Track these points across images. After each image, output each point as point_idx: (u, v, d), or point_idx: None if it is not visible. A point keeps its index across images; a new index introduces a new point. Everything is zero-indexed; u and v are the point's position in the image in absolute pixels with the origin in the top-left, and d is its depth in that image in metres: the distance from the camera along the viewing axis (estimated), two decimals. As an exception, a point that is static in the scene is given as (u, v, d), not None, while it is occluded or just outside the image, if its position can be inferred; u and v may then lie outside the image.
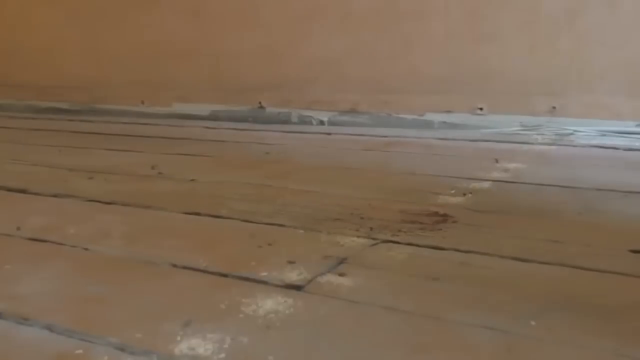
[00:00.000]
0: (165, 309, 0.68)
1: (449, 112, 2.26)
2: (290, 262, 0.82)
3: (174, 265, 0.83)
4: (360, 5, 2.39)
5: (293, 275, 0.77)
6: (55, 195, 1.26)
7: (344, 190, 1.27)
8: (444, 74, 2.27)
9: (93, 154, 1.84)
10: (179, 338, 0.61)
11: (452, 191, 1.24)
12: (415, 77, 2.31)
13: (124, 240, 0.95)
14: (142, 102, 2.91)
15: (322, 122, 2.48)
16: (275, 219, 1.04)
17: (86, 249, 0.90)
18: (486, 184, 1.31)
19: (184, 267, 0.82)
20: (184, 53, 2.76)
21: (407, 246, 0.89)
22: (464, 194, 1.21)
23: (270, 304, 0.69)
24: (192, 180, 1.40)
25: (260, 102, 2.62)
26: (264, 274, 0.78)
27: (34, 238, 0.96)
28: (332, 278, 0.77)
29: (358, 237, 0.93)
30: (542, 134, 2.06)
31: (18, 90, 3.25)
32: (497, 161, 1.58)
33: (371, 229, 0.98)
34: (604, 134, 1.99)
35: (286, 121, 2.55)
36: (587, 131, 2.02)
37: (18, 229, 1.01)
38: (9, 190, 1.32)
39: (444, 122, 2.27)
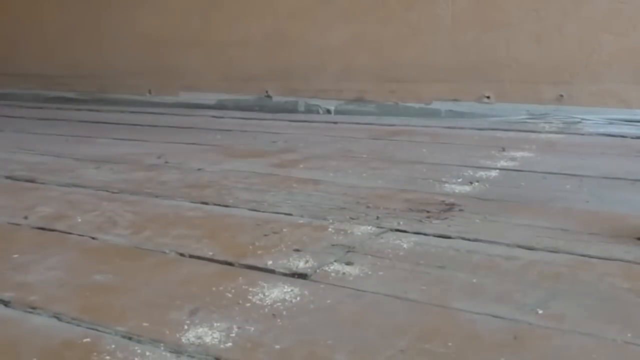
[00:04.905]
0: (172, 298, 0.68)
1: (455, 100, 2.26)
2: (297, 251, 0.82)
3: (181, 254, 0.83)
4: (366, -7, 2.38)
5: (300, 264, 0.77)
6: (62, 185, 1.26)
7: (350, 179, 1.27)
8: (450, 62, 2.26)
9: (100, 143, 1.85)
10: (186, 327, 0.61)
11: (459, 180, 1.24)
12: (422, 66, 2.31)
13: (131, 229, 0.95)
14: (149, 92, 2.91)
15: (328, 111, 2.48)
16: (282, 208, 1.04)
17: (93, 238, 0.91)
18: (493, 173, 1.31)
19: (191, 256, 0.82)
20: (190, 42, 2.76)
21: (414, 235, 0.89)
22: (471, 183, 1.21)
23: (276, 292, 0.69)
24: (199, 169, 1.40)
25: (267, 91, 2.62)
26: (271, 262, 0.78)
27: (42, 227, 0.97)
28: (338, 267, 0.77)
29: (364, 225, 0.93)
30: (550, 123, 2.05)
31: (25, 80, 3.26)
32: (504, 150, 1.58)
33: (378, 217, 0.97)
34: (611, 122, 1.98)
35: (293, 110, 2.54)
36: (594, 119, 2.01)
37: (26, 218, 1.01)
38: (17, 179, 1.33)
39: (451, 111, 2.26)
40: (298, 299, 0.67)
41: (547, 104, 2.12)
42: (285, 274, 0.75)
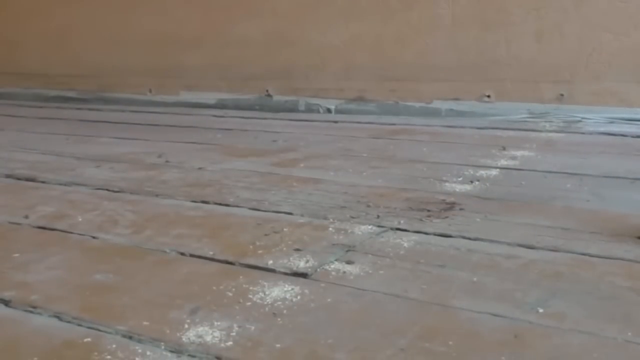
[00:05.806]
0: (173, 297, 0.68)
1: (456, 99, 2.26)
2: (297, 250, 0.82)
3: (181, 254, 0.83)
4: (367, -8, 2.38)
5: (300, 263, 0.77)
6: (63, 184, 1.26)
7: (350, 178, 1.27)
8: (451, 61, 2.26)
9: (100, 142, 1.85)
10: (186, 326, 0.61)
11: (460, 179, 1.24)
12: (423, 65, 2.30)
13: (132, 228, 0.95)
14: (150, 91, 2.91)
15: (329, 110, 2.48)
16: (282, 207, 1.04)
17: (94, 237, 0.91)
18: (494, 172, 1.31)
19: (191, 255, 0.82)
20: (191, 41, 2.76)
21: (414, 234, 0.89)
22: (471, 182, 1.21)
23: (277, 291, 0.69)
24: (199, 168, 1.40)
25: (267, 90, 2.62)
26: (271, 261, 0.78)
27: (42, 226, 0.97)
28: (339, 266, 0.77)
29: (365, 224, 0.93)
30: (550, 122, 2.05)
31: (26, 79, 3.26)
32: (504, 149, 1.58)
33: (378, 216, 0.97)
34: (612, 121, 1.98)
35: (293, 109, 2.54)
36: (595, 118, 2.01)
37: (26, 217, 1.01)
38: (17, 178, 1.33)
39: (452, 110, 2.26)
40: (298, 298, 0.68)
41: (548, 103, 2.12)
42: (285, 273, 0.75)
